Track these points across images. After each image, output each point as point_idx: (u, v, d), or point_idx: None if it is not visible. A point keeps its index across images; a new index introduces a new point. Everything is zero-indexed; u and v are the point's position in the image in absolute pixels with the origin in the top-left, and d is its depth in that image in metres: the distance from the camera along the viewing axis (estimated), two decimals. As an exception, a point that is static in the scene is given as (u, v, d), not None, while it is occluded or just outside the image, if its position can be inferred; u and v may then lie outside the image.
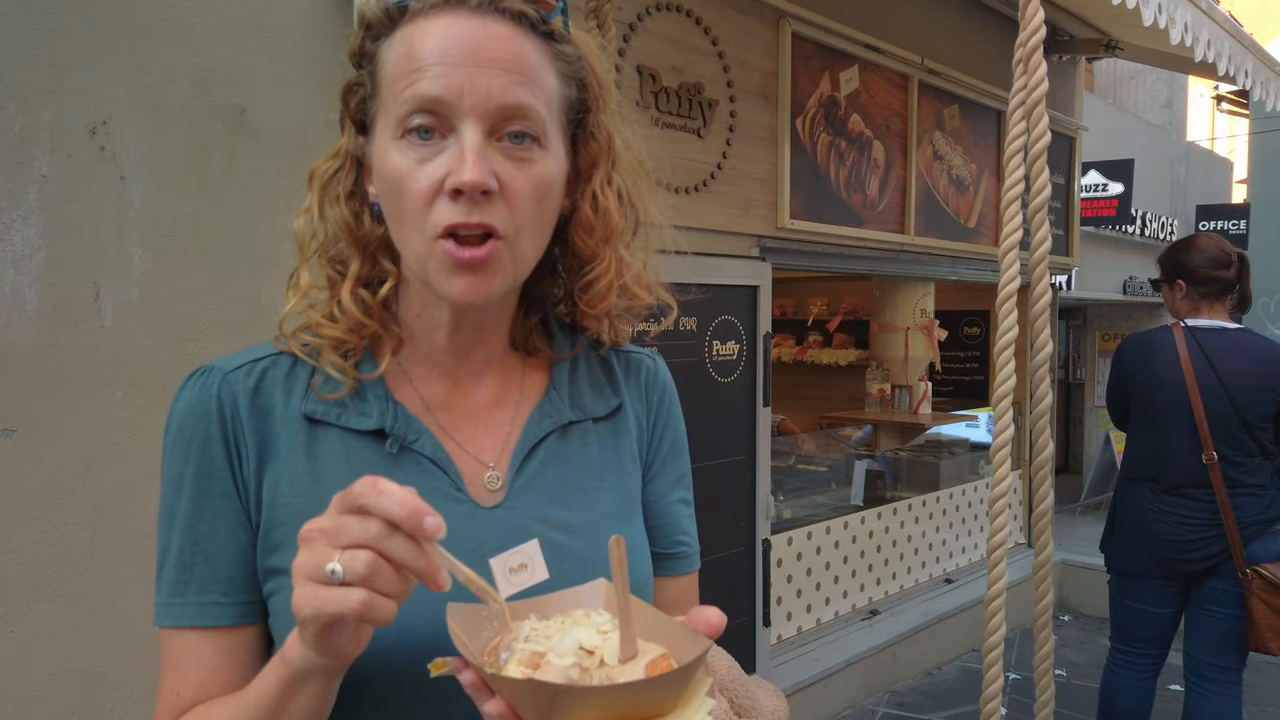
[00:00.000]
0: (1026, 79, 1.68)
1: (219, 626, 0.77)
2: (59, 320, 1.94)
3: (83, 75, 1.96)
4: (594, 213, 0.85)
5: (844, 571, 4.54)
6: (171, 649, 0.79)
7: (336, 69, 2.32)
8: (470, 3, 0.75)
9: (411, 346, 0.85)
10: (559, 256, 0.88)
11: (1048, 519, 1.84)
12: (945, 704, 4.35)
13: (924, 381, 5.53)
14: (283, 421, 0.80)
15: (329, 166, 0.85)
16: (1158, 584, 3.06)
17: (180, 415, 0.81)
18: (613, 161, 0.86)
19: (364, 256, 0.83)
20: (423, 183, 0.74)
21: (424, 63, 0.74)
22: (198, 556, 0.78)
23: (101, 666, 2.02)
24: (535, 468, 0.84)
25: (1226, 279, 3.02)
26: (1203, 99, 15.12)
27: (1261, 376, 2.91)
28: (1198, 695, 3.06)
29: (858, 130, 4.13)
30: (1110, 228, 9.02)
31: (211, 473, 0.79)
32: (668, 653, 0.63)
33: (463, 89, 0.73)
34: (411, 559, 0.60)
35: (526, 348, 0.91)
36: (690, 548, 0.94)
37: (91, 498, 2.00)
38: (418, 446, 0.81)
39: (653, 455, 0.93)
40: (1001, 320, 1.68)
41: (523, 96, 0.75)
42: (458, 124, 0.74)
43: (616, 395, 0.92)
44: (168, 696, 0.78)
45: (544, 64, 0.79)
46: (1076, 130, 5.75)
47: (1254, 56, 4.08)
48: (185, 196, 2.11)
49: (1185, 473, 2.96)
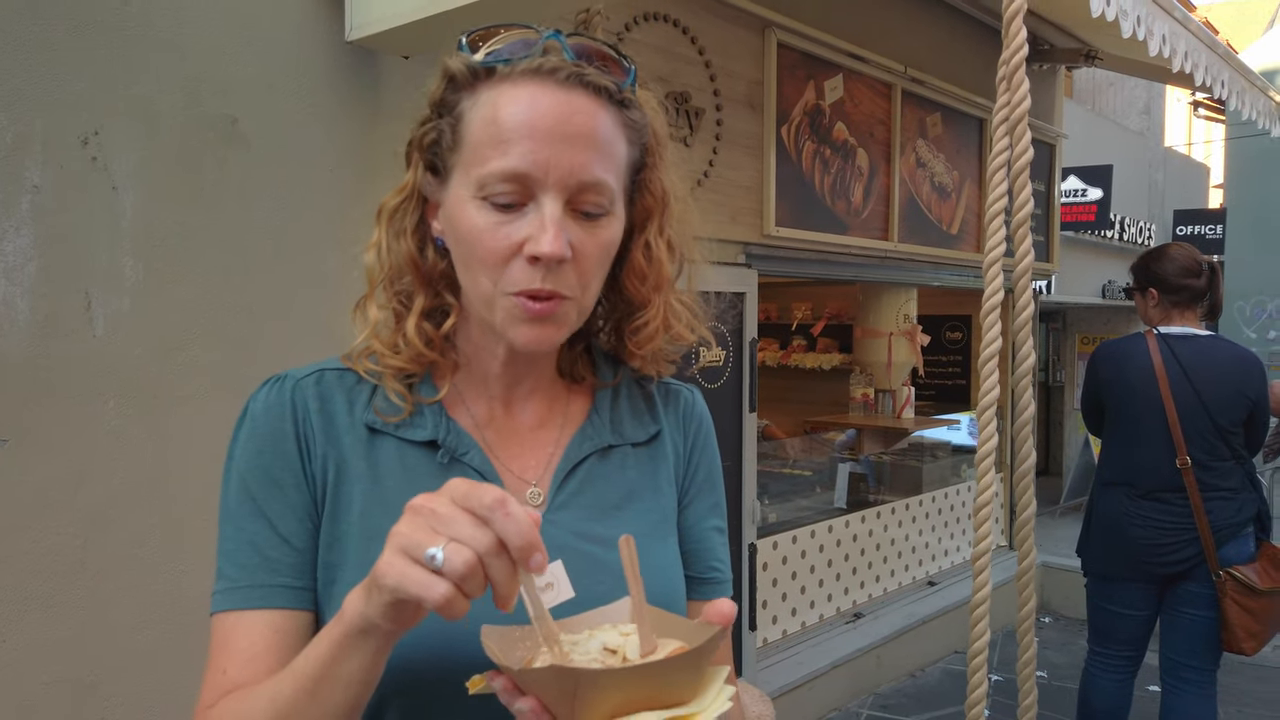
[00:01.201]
0: (1010, 95, 1.72)
1: (283, 608, 0.81)
2: (51, 330, 1.94)
3: (74, 86, 1.96)
4: (647, 262, 0.90)
5: (828, 575, 4.58)
6: (224, 630, 0.81)
7: (327, 79, 2.34)
8: (558, 75, 0.79)
9: (466, 371, 0.90)
10: (605, 293, 0.92)
11: (1030, 526, 1.87)
12: (928, 706, 4.39)
13: (907, 386, 5.58)
14: (346, 428, 0.86)
15: (395, 201, 0.88)
16: (1133, 587, 3.11)
17: (257, 414, 0.86)
18: (665, 214, 0.91)
19: (428, 290, 0.88)
20: (501, 244, 0.79)
21: (512, 135, 0.77)
22: (272, 540, 0.82)
23: (92, 676, 2.02)
24: (575, 486, 0.89)
25: (1197, 287, 3.08)
26: (1180, 105, 15.31)
27: (1233, 382, 2.97)
28: (1174, 695, 3.11)
29: (842, 138, 4.17)
30: (1089, 232, 9.14)
31: (285, 465, 0.84)
32: (685, 645, 0.65)
33: (548, 164, 0.77)
34: (504, 582, 0.62)
35: (572, 374, 0.95)
36: (723, 574, 0.97)
37: (83, 507, 2.00)
38: (467, 459, 0.86)
39: (689, 483, 0.97)
40: (986, 331, 1.72)
41: (600, 174, 0.80)
42: (539, 194, 0.78)
43: (655, 423, 0.96)
44: (214, 675, 0.80)
45: (617, 134, 0.83)
46: (1056, 138, 5.82)
47: (1230, 67, 4.15)
48: (177, 206, 2.12)
49: (1160, 478, 3.01)
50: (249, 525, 0.83)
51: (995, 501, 5.82)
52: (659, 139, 0.90)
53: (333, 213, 2.38)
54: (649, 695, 0.61)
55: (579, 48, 0.82)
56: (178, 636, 2.10)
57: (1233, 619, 2.93)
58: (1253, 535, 3.03)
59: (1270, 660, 4.95)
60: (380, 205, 0.90)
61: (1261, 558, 3.00)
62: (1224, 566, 2.95)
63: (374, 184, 2.45)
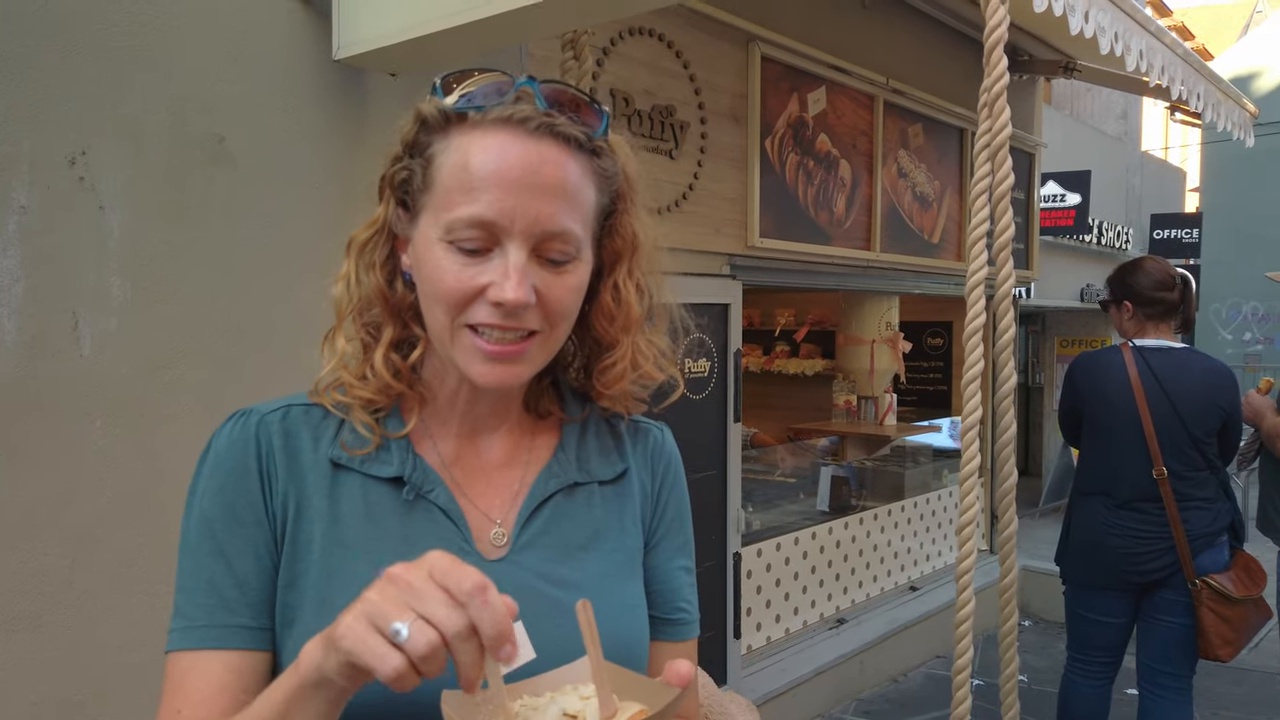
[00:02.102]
0: (991, 123, 1.75)
1: (239, 649, 0.81)
2: (38, 350, 1.94)
3: (61, 106, 1.96)
4: (615, 303, 0.90)
5: (811, 581, 4.62)
6: (179, 669, 0.81)
7: (314, 97, 2.34)
8: (529, 125, 0.80)
9: (433, 405, 0.90)
10: (574, 331, 0.92)
11: (1013, 542, 1.91)
12: (911, 711, 4.43)
13: (889, 393, 5.63)
14: (310, 465, 0.86)
15: (366, 235, 0.89)
16: (1111, 595, 3.16)
17: (220, 450, 0.86)
18: (634, 257, 0.91)
19: (396, 322, 0.89)
20: (465, 285, 0.80)
21: (480, 184, 0.79)
22: (230, 580, 0.82)
23: (80, 695, 2.01)
24: (539, 526, 0.88)
25: (1171, 300, 3.14)
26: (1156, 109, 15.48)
27: (1208, 394, 3.03)
28: (1151, 701, 3.17)
29: (825, 150, 4.21)
30: (1068, 237, 9.23)
31: (247, 503, 0.84)
32: (645, 708, 0.66)
33: (514, 213, 0.78)
34: (471, 665, 0.62)
35: (538, 410, 0.95)
36: (690, 615, 0.97)
37: (70, 527, 2.00)
38: (432, 497, 0.86)
39: (656, 522, 0.97)
40: (969, 354, 1.75)
41: (566, 224, 0.81)
42: (505, 241, 0.79)
43: (623, 461, 0.96)
44: (167, 714, 0.80)
45: (585, 182, 0.84)
46: (1036, 147, 5.88)
47: (1205, 80, 4.21)
48: (164, 225, 2.12)
49: (1137, 488, 3.06)
50: (207, 563, 0.82)
51: (976, 505, 5.87)
52: (630, 183, 0.90)
53: (319, 231, 2.38)
54: None
55: (552, 95, 0.83)
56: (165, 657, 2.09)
57: (1209, 627, 2.98)
58: (1227, 544, 3.09)
59: (1246, 663, 5.03)
60: (350, 238, 0.90)
61: (1236, 566, 3.06)
62: (1200, 575, 3.00)
63: (360, 202, 2.45)
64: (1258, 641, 5.21)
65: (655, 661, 0.92)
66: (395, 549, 0.83)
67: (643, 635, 0.90)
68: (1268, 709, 4.47)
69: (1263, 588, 3.05)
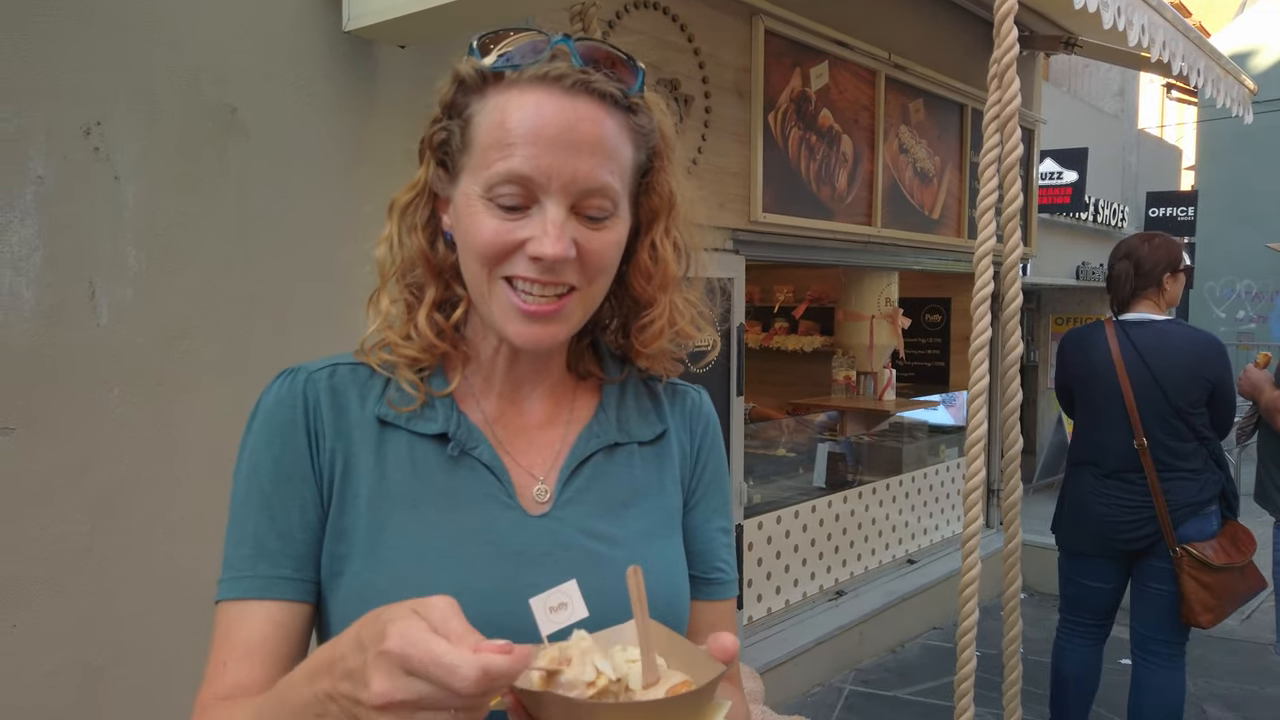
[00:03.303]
0: (1000, 94, 1.77)
1: (281, 600, 0.83)
2: (56, 319, 1.96)
3: (76, 76, 1.97)
4: (653, 262, 0.91)
5: (811, 554, 4.67)
6: (227, 620, 0.84)
7: (324, 68, 2.35)
8: (564, 82, 0.80)
9: (476, 364, 0.92)
10: (612, 291, 0.93)
11: (1017, 509, 1.94)
12: (909, 680, 4.50)
13: (888, 369, 5.66)
14: (357, 421, 0.87)
15: (407, 198, 0.90)
16: (1099, 562, 3.26)
17: (268, 406, 0.88)
18: (671, 215, 0.92)
19: (438, 282, 0.90)
20: (505, 239, 0.81)
21: (517, 140, 0.79)
22: (273, 533, 0.84)
23: (99, 660, 2.05)
24: (581, 484, 0.90)
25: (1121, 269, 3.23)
26: (1153, 86, 15.46)
27: (1189, 365, 3.10)
28: (1143, 668, 3.26)
29: (827, 125, 4.22)
30: (1065, 215, 9.26)
31: (294, 457, 0.86)
32: (689, 679, 0.66)
33: (551, 171, 0.79)
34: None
35: (579, 370, 0.97)
36: (727, 575, 0.98)
37: (89, 494, 2.02)
38: (476, 453, 0.87)
39: (695, 482, 0.98)
40: (976, 323, 1.77)
41: (604, 178, 0.81)
42: (543, 199, 0.80)
43: (662, 422, 0.97)
44: (215, 668, 0.83)
45: (622, 138, 0.84)
46: (1035, 123, 5.89)
47: (1205, 55, 4.22)
48: (178, 196, 2.14)
49: (1121, 458, 3.16)
50: (253, 516, 0.85)
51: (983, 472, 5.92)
52: (666, 141, 0.91)
53: (330, 202, 2.40)
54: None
55: (587, 52, 0.83)
56: (183, 621, 2.13)
57: (1189, 593, 3.06)
58: (1217, 514, 3.16)
59: (1239, 634, 5.11)
60: (392, 200, 0.91)
61: (1223, 535, 3.13)
62: (1183, 543, 3.08)
63: (371, 173, 2.48)
64: (1250, 613, 5.30)
65: (693, 620, 0.93)
66: (441, 503, 0.85)
67: (683, 593, 0.92)
68: (1261, 679, 4.54)
69: (1248, 556, 3.10)
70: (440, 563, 0.82)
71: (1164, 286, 3.21)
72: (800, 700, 4.22)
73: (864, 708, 4.20)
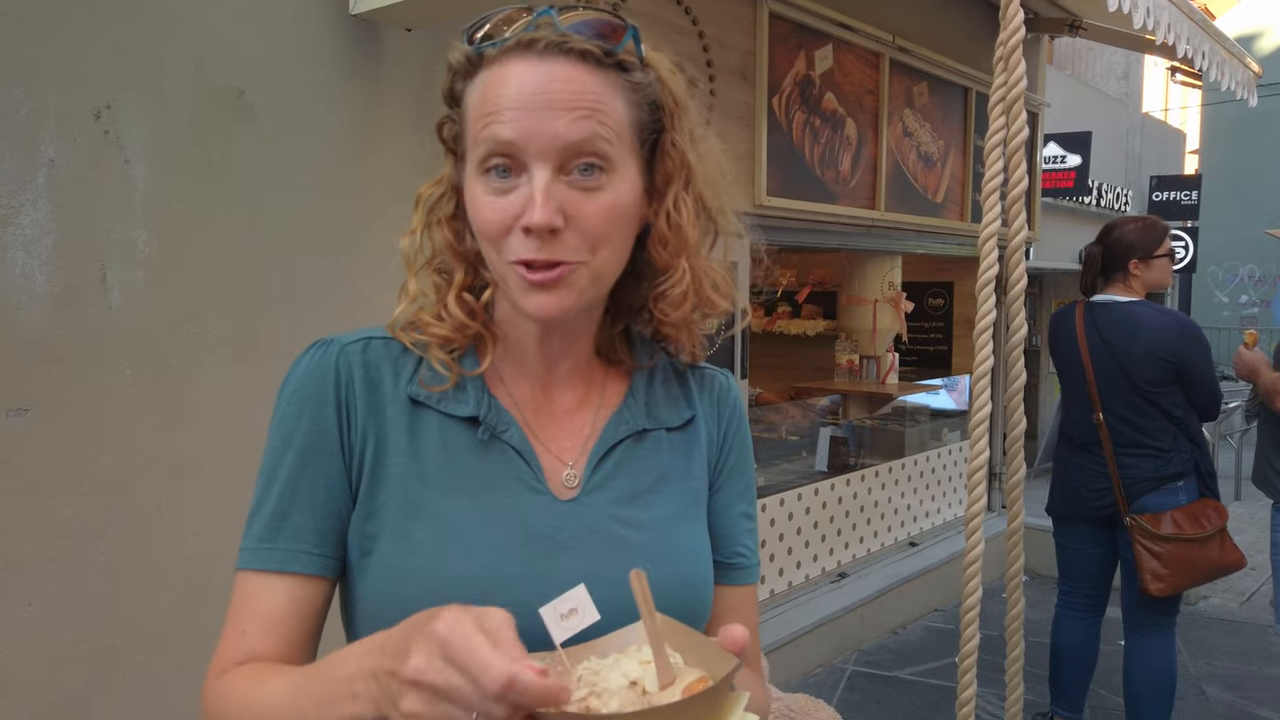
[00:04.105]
0: (1006, 76, 1.78)
1: (300, 574, 0.84)
2: (68, 302, 1.98)
3: (86, 59, 1.98)
4: (668, 227, 0.89)
5: (814, 537, 4.70)
6: (247, 590, 0.84)
7: (331, 51, 2.36)
8: (537, 46, 0.81)
9: (505, 348, 0.92)
10: (639, 268, 0.92)
11: (1020, 489, 1.96)
12: (910, 661, 4.54)
13: (891, 352, 5.68)
14: (390, 398, 0.88)
15: (433, 193, 0.91)
16: (1081, 526, 3.42)
17: (299, 378, 0.88)
18: (686, 178, 0.90)
19: (466, 268, 0.91)
20: (500, 216, 0.81)
21: (497, 108, 0.80)
22: (296, 507, 0.85)
23: (113, 637, 2.08)
24: (609, 469, 0.90)
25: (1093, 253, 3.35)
26: (1157, 70, 15.40)
27: (1146, 345, 3.17)
28: (1132, 640, 3.37)
29: (831, 108, 4.22)
30: (1068, 199, 9.24)
31: (322, 432, 0.86)
32: (706, 675, 0.66)
33: (530, 132, 0.79)
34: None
35: (609, 356, 0.97)
36: (748, 560, 0.99)
37: (102, 474, 2.05)
38: (506, 437, 0.88)
39: (721, 465, 0.98)
40: (980, 305, 1.79)
41: (584, 133, 0.80)
42: (529, 163, 0.80)
43: (690, 408, 0.97)
44: (233, 633, 0.83)
45: (611, 94, 0.83)
46: (1039, 107, 5.88)
47: (1210, 38, 4.22)
48: (186, 179, 2.15)
49: (1085, 432, 3.32)
50: (277, 489, 0.85)
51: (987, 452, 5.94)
52: (677, 101, 0.89)
53: (337, 184, 2.41)
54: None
55: (573, 19, 0.83)
56: (195, 600, 2.15)
57: (1142, 562, 3.17)
58: (1184, 489, 3.20)
59: (1238, 616, 5.14)
60: (418, 194, 0.92)
61: (1188, 509, 3.18)
62: (1136, 513, 3.19)
63: (377, 155, 2.49)
64: (1249, 595, 5.34)
65: (715, 605, 0.94)
66: (471, 486, 0.85)
67: (707, 576, 0.92)
68: (1260, 660, 4.58)
69: (1205, 532, 3.14)
70: (470, 546, 0.83)
71: (1131, 272, 3.28)
72: (803, 681, 4.26)
73: (866, 688, 4.23)
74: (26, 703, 1.96)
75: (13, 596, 1.93)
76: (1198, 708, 3.98)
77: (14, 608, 1.93)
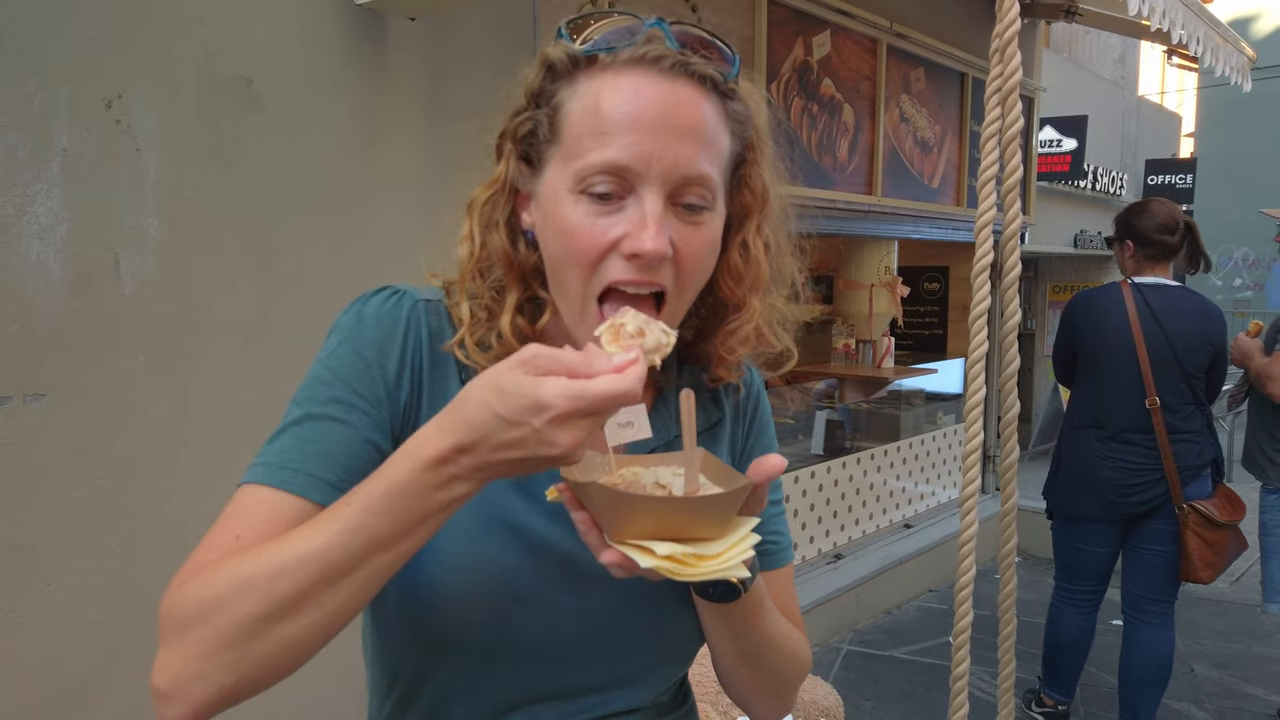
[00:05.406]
0: (1002, 67, 1.81)
1: (314, 502, 0.75)
2: (83, 289, 2.02)
3: (97, 50, 2.01)
4: (744, 261, 0.86)
5: (811, 519, 4.76)
6: (250, 502, 0.76)
7: (337, 41, 2.38)
8: (663, 64, 0.76)
9: None
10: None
11: (1013, 471, 2.00)
12: (905, 641, 4.61)
13: (887, 337, 5.72)
14: (453, 372, 0.84)
15: (485, 194, 0.86)
16: (1100, 526, 3.32)
17: (367, 319, 0.83)
18: (764, 212, 0.87)
19: (520, 285, 0.85)
20: (598, 239, 0.76)
21: (614, 126, 0.75)
22: (329, 440, 0.78)
23: (129, 616, 2.13)
24: None
25: (1170, 243, 3.24)
26: (1154, 53, 15.38)
27: (1200, 330, 3.18)
28: (1135, 627, 3.36)
29: (829, 94, 4.25)
30: (1063, 182, 9.27)
31: (376, 380, 0.81)
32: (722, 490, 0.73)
33: (651, 157, 0.74)
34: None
35: None
36: (780, 543, 0.99)
37: (117, 457, 2.09)
38: None
39: (747, 455, 0.98)
40: (976, 291, 1.83)
41: (704, 167, 0.77)
42: (640, 188, 0.75)
43: (719, 410, 0.96)
44: (223, 536, 0.74)
45: (720, 126, 0.80)
46: (1035, 91, 5.91)
47: (1205, 24, 4.24)
48: (197, 167, 2.18)
49: (1129, 419, 3.21)
50: (316, 418, 0.79)
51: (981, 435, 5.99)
52: (760, 133, 0.86)
53: (343, 172, 2.44)
54: (677, 526, 0.68)
55: (682, 36, 0.79)
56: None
57: (1192, 550, 3.16)
58: (1210, 477, 3.24)
59: (1227, 596, 5.22)
60: (471, 198, 0.87)
61: (1219, 496, 3.22)
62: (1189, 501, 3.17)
63: (381, 144, 2.52)
64: (1239, 575, 5.41)
65: None
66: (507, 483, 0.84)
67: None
68: (1248, 638, 4.66)
69: (1242, 516, 3.20)
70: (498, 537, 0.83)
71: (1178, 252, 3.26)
72: (799, 659, 4.33)
73: (861, 666, 4.31)
74: (47, 681, 2.01)
75: (32, 577, 1.98)
76: (1187, 686, 4.06)
77: (33, 588, 1.98)
